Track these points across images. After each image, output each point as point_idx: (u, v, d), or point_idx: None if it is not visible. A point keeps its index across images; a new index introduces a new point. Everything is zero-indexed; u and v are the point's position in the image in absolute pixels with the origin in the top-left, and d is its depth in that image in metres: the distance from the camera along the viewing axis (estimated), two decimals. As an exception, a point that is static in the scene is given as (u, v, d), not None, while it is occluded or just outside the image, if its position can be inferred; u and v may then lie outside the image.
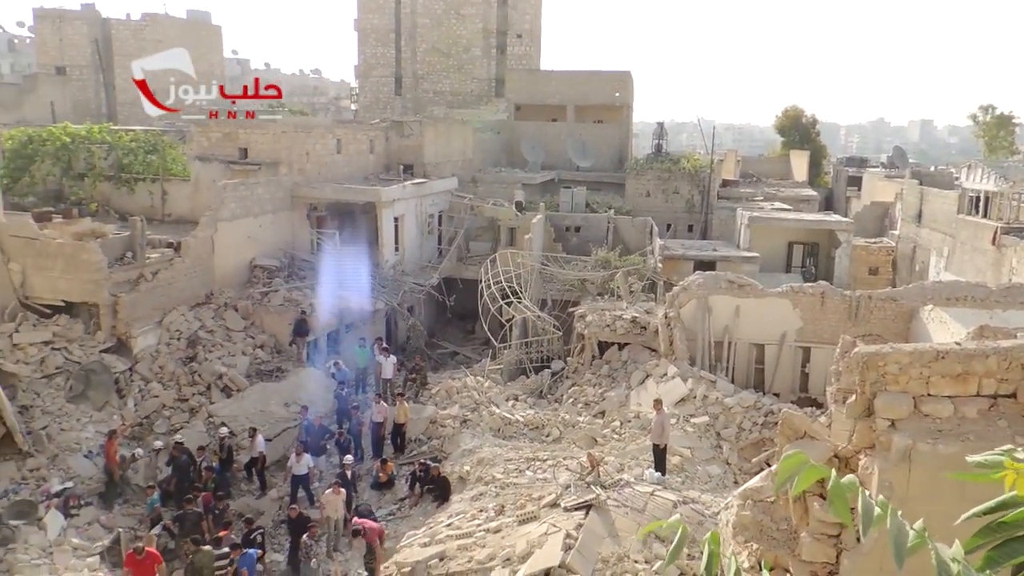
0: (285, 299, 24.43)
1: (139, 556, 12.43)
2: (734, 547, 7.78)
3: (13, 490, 15.62)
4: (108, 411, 18.93)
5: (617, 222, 33.91)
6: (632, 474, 14.46)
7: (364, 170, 33.42)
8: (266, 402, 20.85)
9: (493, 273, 26.56)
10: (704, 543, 2.46)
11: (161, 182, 28.59)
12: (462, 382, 22.45)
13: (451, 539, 13.41)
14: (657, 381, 19.82)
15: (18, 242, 19.96)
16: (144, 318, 20.95)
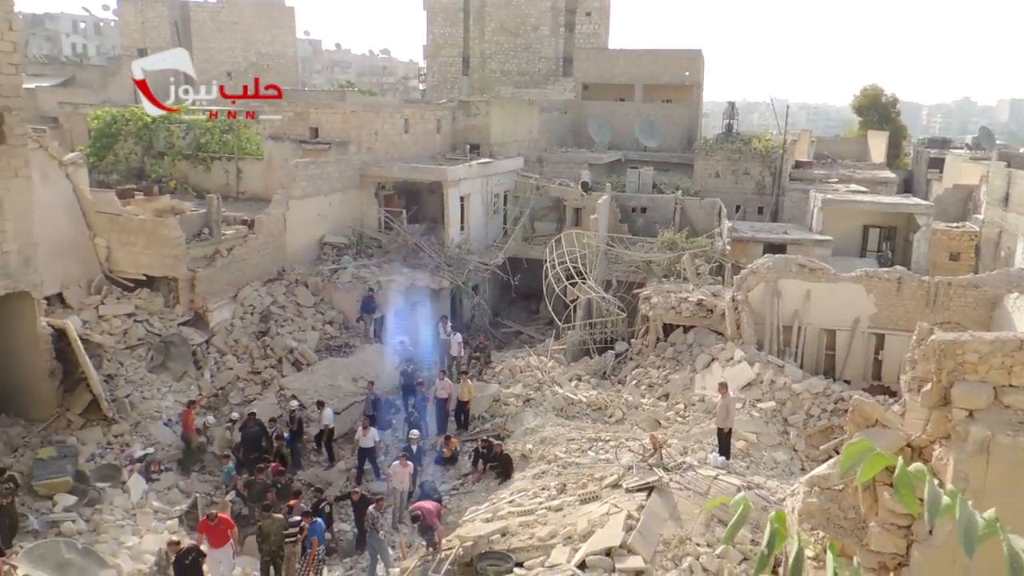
0: (353, 276, 24.92)
1: (212, 522, 12.80)
2: (800, 534, 7.67)
3: (100, 454, 16.43)
4: (186, 381, 19.71)
5: (684, 203, 33.40)
6: (695, 457, 14.36)
7: (431, 150, 33.69)
8: (334, 376, 21.37)
9: (558, 253, 26.52)
10: (769, 522, 2.45)
11: (236, 161, 29.41)
12: (525, 361, 22.57)
13: (513, 516, 13.57)
14: (723, 365, 19.56)
15: (103, 218, 20.84)
16: (219, 293, 21.67)
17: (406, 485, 16.36)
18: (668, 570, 10.48)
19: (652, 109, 46.14)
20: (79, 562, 12.86)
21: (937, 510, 2.12)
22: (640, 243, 29.84)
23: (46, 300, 17.47)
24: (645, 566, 10.43)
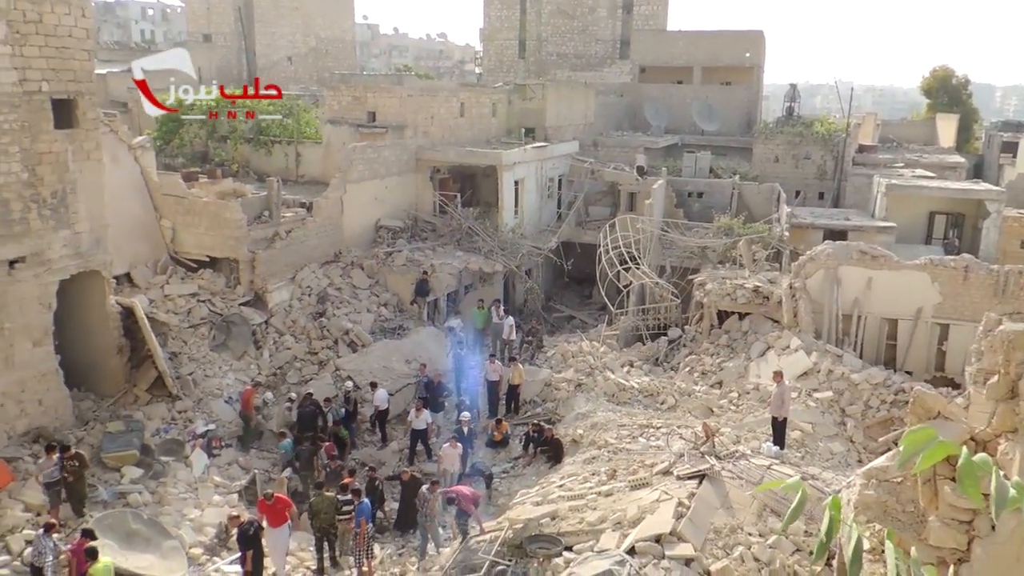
0: (408, 259, 25.19)
1: (269, 502, 13.02)
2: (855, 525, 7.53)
3: (164, 429, 17.02)
4: (246, 360, 20.24)
5: (742, 188, 32.80)
6: (749, 446, 14.18)
7: (486, 133, 33.74)
8: (388, 358, 21.68)
9: (612, 238, 26.36)
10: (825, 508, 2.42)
11: (295, 145, 29.94)
12: (578, 346, 22.55)
13: (563, 500, 13.62)
14: (779, 353, 19.23)
15: (169, 200, 21.47)
16: (278, 274, 22.16)
17: (456, 467, 16.55)
18: (719, 559, 10.40)
19: (711, 92, 45.33)
20: (145, 532, 13.39)
21: (1004, 503, 2.07)
22: (695, 228, 29.44)
23: (115, 279, 18.10)
24: (695, 554, 10.37)
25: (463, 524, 13.68)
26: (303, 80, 49.13)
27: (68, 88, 15.26)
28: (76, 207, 15.70)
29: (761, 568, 10.23)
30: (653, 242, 27.60)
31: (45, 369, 15.51)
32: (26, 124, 14.46)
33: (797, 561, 10.33)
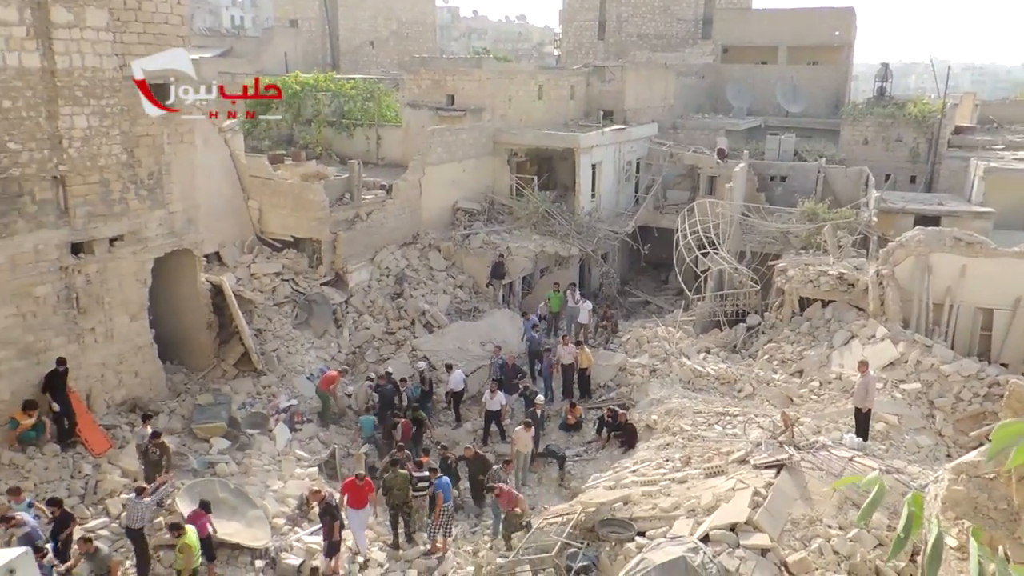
0: (484, 242, 25.38)
1: (360, 483, 13.25)
2: (943, 523, 7.27)
3: (249, 404, 17.68)
4: (327, 339, 20.82)
5: (828, 171, 31.71)
6: (830, 437, 13.79)
7: (564, 116, 33.56)
8: (464, 339, 21.95)
9: (690, 223, 25.92)
10: (905, 504, 2.35)
11: (376, 128, 30.45)
12: (653, 332, 22.33)
13: (636, 485, 13.57)
14: (863, 342, 18.61)
15: (256, 182, 22.18)
16: (358, 255, 22.66)
17: (529, 448, 16.68)
18: (796, 550, 10.19)
19: (796, 72, 43.86)
20: (232, 501, 13.97)
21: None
22: (778, 213, 28.67)
23: (205, 258, 18.83)
24: (771, 544, 10.18)
25: (497, 511, 13.93)
26: (384, 64, 49.82)
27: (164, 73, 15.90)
28: (170, 188, 16.38)
29: (841, 562, 9.98)
30: (733, 227, 27.01)
31: (141, 342, 16.30)
32: (125, 108, 15.14)
33: (879, 556, 10.04)
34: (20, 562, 2.11)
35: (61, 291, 14.49)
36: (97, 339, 15.32)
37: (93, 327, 15.19)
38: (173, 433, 15.68)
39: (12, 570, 2.24)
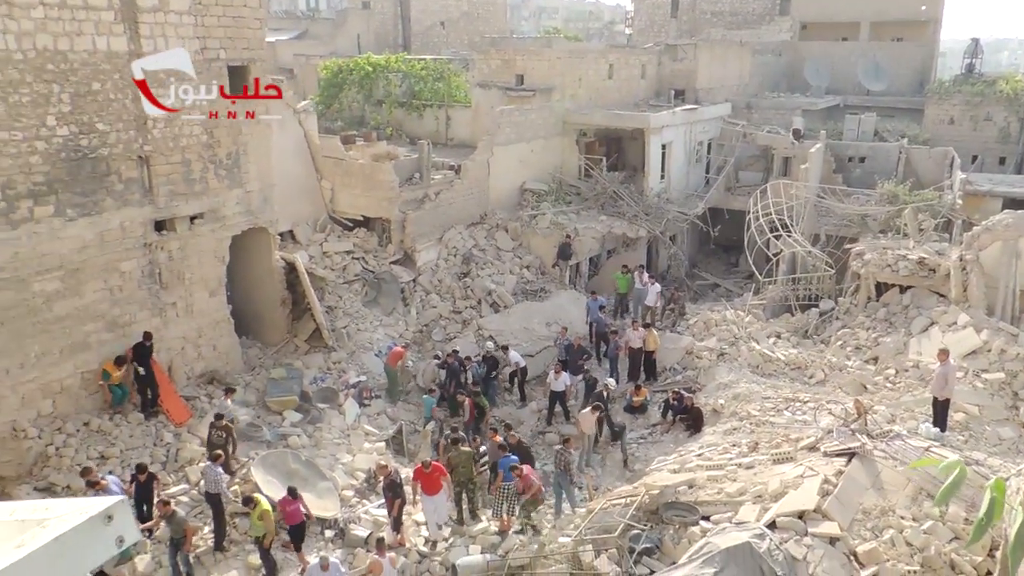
0: (551, 223, 25.32)
1: (427, 470, 12.98)
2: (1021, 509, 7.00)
3: (320, 378, 18.16)
4: (395, 316, 21.18)
5: (910, 152, 30.47)
6: (905, 427, 13.39)
7: (634, 96, 33.11)
8: (529, 320, 22.03)
9: (763, 204, 25.31)
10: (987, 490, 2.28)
11: (446, 108, 30.64)
12: (721, 315, 21.98)
13: (701, 469, 13.45)
14: (943, 330, 17.92)
15: (329, 162, 22.63)
16: (427, 235, 22.92)
17: (594, 431, 16.67)
18: (867, 540, 9.97)
19: (879, 49, 42.16)
20: (303, 472, 14.42)
21: None
22: (855, 195, 27.74)
23: (279, 236, 19.35)
24: (841, 533, 9.98)
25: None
26: (455, 44, 49.92)
27: (242, 55, 16.33)
28: (247, 167, 16.85)
29: (914, 553, 9.72)
30: (807, 209, 26.27)
31: (219, 317, 16.91)
32: (205, 90, 15.63)
33: (954, 549, 9.74)
34: (117, 509, 2.25)
35: (145, 267, 15.13)
36: (178, 313, 15.95)
37: (174, 302, 15.83)
38: (248, 405, 16.25)
39: (110, 516, 2.37)
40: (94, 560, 2.35)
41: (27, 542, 2.20)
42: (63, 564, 2.24)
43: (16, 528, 2.32)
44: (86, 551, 2.29)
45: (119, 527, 2.38)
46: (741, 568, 9.35)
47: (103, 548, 2.35)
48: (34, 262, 13.26)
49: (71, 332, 14.02)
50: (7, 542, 2.22)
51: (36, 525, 2.31)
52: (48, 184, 13.25)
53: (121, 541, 2.39)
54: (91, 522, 2.31)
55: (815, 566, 9.49)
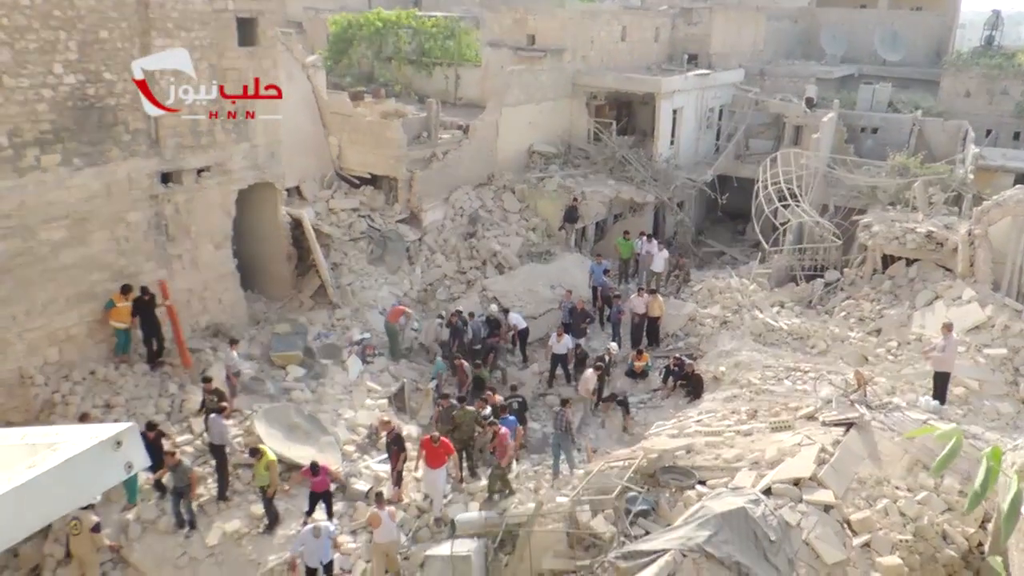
0: (559, 185, 25.21)
1: (435, 444, 12.84)
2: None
3: (324, 335, 18.25)
4: (400, 275, 21.21)
5: (923, 124, 30.13)
6: (904, 399, 13.46)
7: (646, 59, 32.69)
8: (534, 282, 22.05)
9: (772, 173, 25.12)
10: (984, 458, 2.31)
11: (456, 67, 30.30)
12: (726, 283, 21.97)
13: (699, 435, 13.57)
14: (948, 304, 17.91)
15: (337, 118, 22.47)
16: (433, 194, 22.85)
17: (591, 389, 16.81)
18: (860, 509, 10.09)
19: (898, 18, 41.45)
20: (305, 426, 14.59)
21: None
22: (866, 167, 27.47)
23: (286, 192, 19.31)
24: (835, 501, 10.11)
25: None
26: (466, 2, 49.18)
27: (251, 7, 16.13)
28: (254, 122, 16.76)
29: (907, 523, 9.85)
30: (817, 179, 26.08)
31: (224, 271, 16.96)
32: (214, 42, 15.47)
33: (947, 520, 9.86)
34: (127, 435, 2.31)
35: (152, 218, 15.15)
36: (184, 266, 16.01)
37: (180, 254, 15.87)
38: (252, 359, 16.38)
39: (119, 441, 2.43)
40: (103, 483, 2.43)
41: (38, 463, 2.27)
42: (73, 486, 2.31)
43: (27, 451, 2.38)
44: (96, 474, 2.37)
45: (128, 452, 2.46)
46: (735, 532, 9.48)
47: (112, 472, 2.43)
48: (41, 211, 13.29)
49: (77, 281, 14.10)
50: (18, 463, 2.29)
51: (47, 448, 2.37)
52: (55, 132, 13.21)
53: (130, 467, 2.46)
54: (101, 446, 2.38)
55: (808, 532, 9.64)
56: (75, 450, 2.33)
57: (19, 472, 2.22)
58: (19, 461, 2.30)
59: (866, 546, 9.58)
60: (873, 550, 9.52)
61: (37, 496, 2.21)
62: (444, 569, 11.30)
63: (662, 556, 9.25)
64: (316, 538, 11.28)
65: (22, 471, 2.23)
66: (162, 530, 12.23)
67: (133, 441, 2.48)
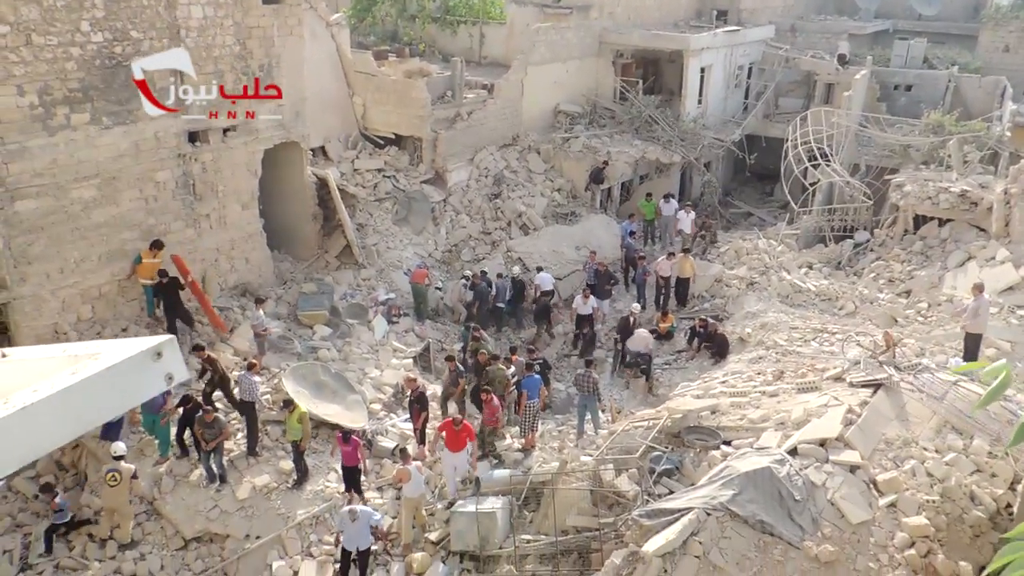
0: (584, 146, 24.95)
1: (456, 427, 12.45)
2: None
3: (350, 295, 18.39)
4: (424, 236, 21.23)
5: (960, 81, 29.30)
6: (934, 360, 13.31)
7: (675, 15, 32.02)
8: (558, 243, 21.97)
9: (802, 132, 24.64)
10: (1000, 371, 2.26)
11: (480, 25, 29.89)
12: (753, 244, 21.75)
13: (724, 396, 13.56)
14: (981, 264, 17.58)
15: (361, 77, 22.32)
16: (458, 155, 22.72)
17: None
18: (887, 469, 10.06)
19: (934, -30, 40.11)
20: (332, 384, 14.78)
21: None
22: (899, 125, 26.83)
23: (311, 152, 19.31)
24: (862, 462, 10.08)
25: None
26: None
27: (273, -37, 16.01)
28: (280, 80, 16.69)
29: (934, 484, 9.80)
30: (848, 138, 25.55)
31: (251, 230, 17.08)
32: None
33: (976, 481, 9.79)
34: (167, 346, 2.35)
35: (179, 177, 15.25)
36: (212, 225, 16.13)
37: (208, 213, 15.99)
38: (279, 318, 16.56)
39: (160, 352, 2.48)
40: (144, 392, 2.49)
41: (80, 371, 2.33)
42: (114, 393, 2.38)
43: (69, 360, 2.44)
44: (137, 383, 2.43)
45: (168, 364, 2.51)
46: (760, 491, 9.51)
47: (153, 382, 2.48)
48: (71, 169, 13.42)
49: (108, 239, 14.28)
50: (61, 371, 2.35)
51: (88, 358, 2.43)
52: (83, 91, 13.28)
53: (171, 378, 2.51)
54: (142, 356, 2.44)
55: (834, 492, 9.63)
56: (116, 358, 2.39)
57: (62, 378, 2.29)
58: (61, 368, 2.37)
59: (892, 506, 9.56)
60: (899, 510, 9.51)
61: (81, 401, 2.28)
62: (470, 524, 11.47)
63: (686, 514, 9.31)
64: (352, 522, 10.99)
65: (65, 377, 2.29)
66: (194, 483, 12.51)
67: (173, 353, 2.53)
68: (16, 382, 2.31)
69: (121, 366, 2.38)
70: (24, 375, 2.38)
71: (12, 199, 12.74)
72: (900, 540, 9.14)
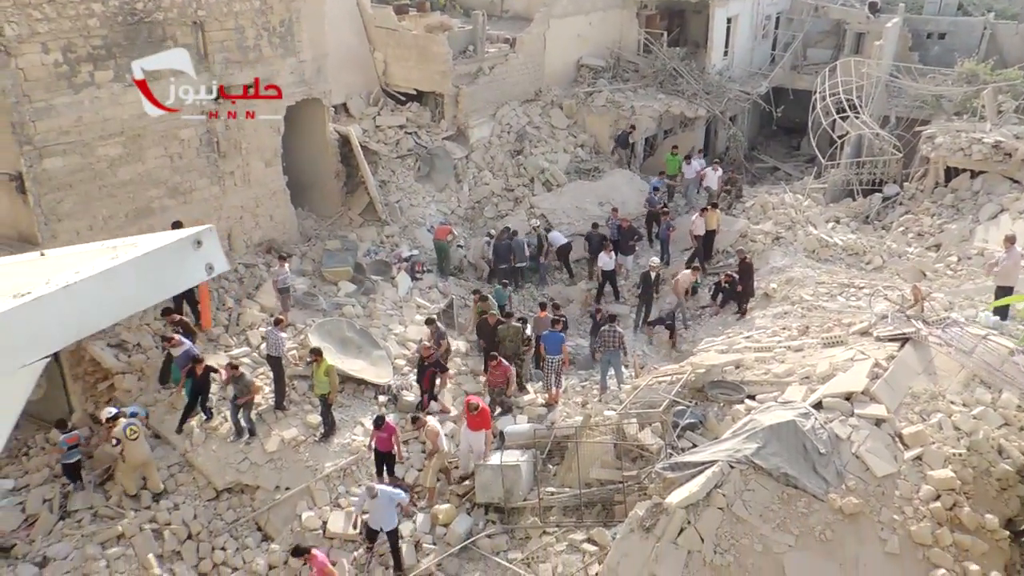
0: (608, 100, 24.60)
1: (473, 412, 12.13)
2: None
3: (373, 251, 18.46)
4: (447, 192, 21.18)
5: (996, 28, 28.41)
6: (963, 314, 13.14)
7: (700, -36, 31.21)
8: (582, 199, 21.82)
9: (831, 84, 24.11)
10: None
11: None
12: (779, 198, 21.45)
13: (749, 350, 13.51)
14: (1014, 217, 17.27)
15: (381, 33, 22.09)
16: (480, 110, 22.51)
17: None
18: (913, 423, 10.01)
19: (972, -87, 38.64)
20: (357, 340, 14.93)
21: None
22: (931, 75, 26.16)
23: (333, 108, 19.23)
24: (888, 415, 10.03)
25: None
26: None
27: (293, -84, 15.77)
28: (300, 36, 16.58)
29: (961, 437, 9.75)
30: (879, 89, 24.96)
31: (275, 188, 17.13)
32: (256, -47, 15.23)
33: (1004, 435, 9.73)
34: (206, 235, 2.36)
35: (204, 135, 15.27)
36: (236, 183, 16.19)
37: (232, 171, 16.04)
38: (304, 275, 16.68)
39: (199, 241, 2.47)
40: (184, 280, 2.47)
41: (120, 255, 2.34)
42: (155, 278, 2.37)
43: (111, 251, 2.45)
44: (176, 270, 2.42)
45: (208, 254, 2.49)
46: (784, 445, 9.51)
47: (193, 270, 2.46)
48: (97, 127, 13.47)
49: (135, 197, 14.39)
50: (103, 256, 2.36)
51: (129, 247, 2.43)
52: (107, 48, 13.26)
53: (211, 268, 2.50)
54: (181, 243, 2.44)
55: (859, 445, 9.61)
56: (156, 245, 2.39)
57: (104, 260, 2.29)
58: (103, 255, 2.37)
59: (918, 460, 9.53)
60: (925, 464, 9.47)
61: (122, 282, 2.28)
62: (494, 477, 11.62)
63: (709, 467, 9.35)
64: (372, 498, 10.72)
65: (107, 260, 2.30)
66: (224, 436, 12.76)
67: (212, 242, 2.51)
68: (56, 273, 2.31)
69: (161, 251, 2.36)
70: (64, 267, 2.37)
71: (40, 157, 12.83)
72: (925, 493, 9.14)
